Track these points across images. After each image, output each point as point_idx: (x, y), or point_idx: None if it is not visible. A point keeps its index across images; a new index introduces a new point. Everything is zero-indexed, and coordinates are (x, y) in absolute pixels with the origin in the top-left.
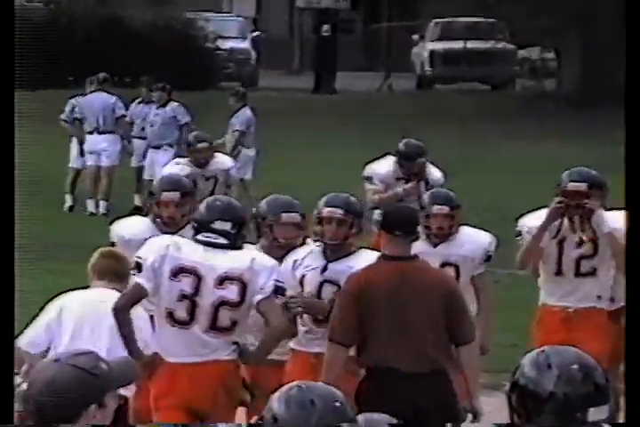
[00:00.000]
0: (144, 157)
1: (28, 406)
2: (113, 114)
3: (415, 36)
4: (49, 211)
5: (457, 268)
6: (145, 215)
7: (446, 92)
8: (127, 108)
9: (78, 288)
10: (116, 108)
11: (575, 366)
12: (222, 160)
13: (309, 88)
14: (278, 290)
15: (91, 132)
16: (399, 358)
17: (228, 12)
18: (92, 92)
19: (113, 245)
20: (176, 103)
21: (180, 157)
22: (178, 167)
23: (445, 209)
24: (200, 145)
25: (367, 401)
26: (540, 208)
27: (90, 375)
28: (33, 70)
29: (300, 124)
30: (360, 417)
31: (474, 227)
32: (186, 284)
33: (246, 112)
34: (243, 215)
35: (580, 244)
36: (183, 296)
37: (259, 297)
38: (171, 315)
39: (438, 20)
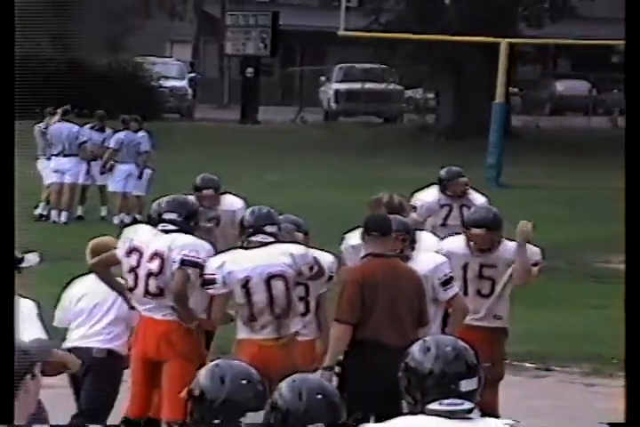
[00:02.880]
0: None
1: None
2: (76, 140)
3: (323, 78)
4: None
5: None
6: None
7: (348, 124)
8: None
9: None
10: (79, 135)
11: (449, 348)
12: (230, 202)
13: (237, 119)
14: (184, 262)
15: (57, 155)
16: (387, 334)
17: (170, 57)
18: (58, 121)
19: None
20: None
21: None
22: None
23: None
24: (206, 192)
25: (351, 368)
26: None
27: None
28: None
29: (230, 149)
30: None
31: None
32: (133, 259)
33: (120, 135)
34: (190, 208)
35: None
36: (130, 269)
37: (173, 268)
38: (127, 283)
39: (342, 65)
